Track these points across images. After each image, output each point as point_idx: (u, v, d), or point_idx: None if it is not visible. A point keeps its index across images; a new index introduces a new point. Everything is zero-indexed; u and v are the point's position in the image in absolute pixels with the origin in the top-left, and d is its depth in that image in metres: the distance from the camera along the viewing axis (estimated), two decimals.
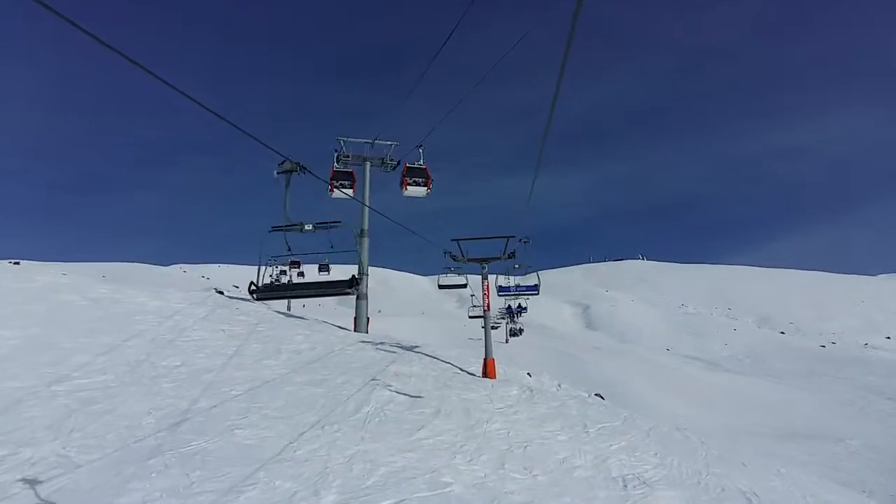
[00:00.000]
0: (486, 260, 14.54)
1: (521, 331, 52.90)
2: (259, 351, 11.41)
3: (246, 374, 9.67)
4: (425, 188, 17.10)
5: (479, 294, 15.23)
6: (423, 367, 12.65)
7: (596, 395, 16.02)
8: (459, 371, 13.47)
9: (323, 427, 7.69)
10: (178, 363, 9.68)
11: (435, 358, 14.50)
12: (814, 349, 73.81)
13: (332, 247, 14.12)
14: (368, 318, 18.34)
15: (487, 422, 9.40)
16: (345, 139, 18.74)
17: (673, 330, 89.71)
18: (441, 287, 16.84)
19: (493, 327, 59.19)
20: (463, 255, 14.54)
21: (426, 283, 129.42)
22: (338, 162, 18.72)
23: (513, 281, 19.09)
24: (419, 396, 10.06)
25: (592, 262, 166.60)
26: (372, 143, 19.18)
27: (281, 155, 7.61)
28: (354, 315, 18.31)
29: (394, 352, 13.93)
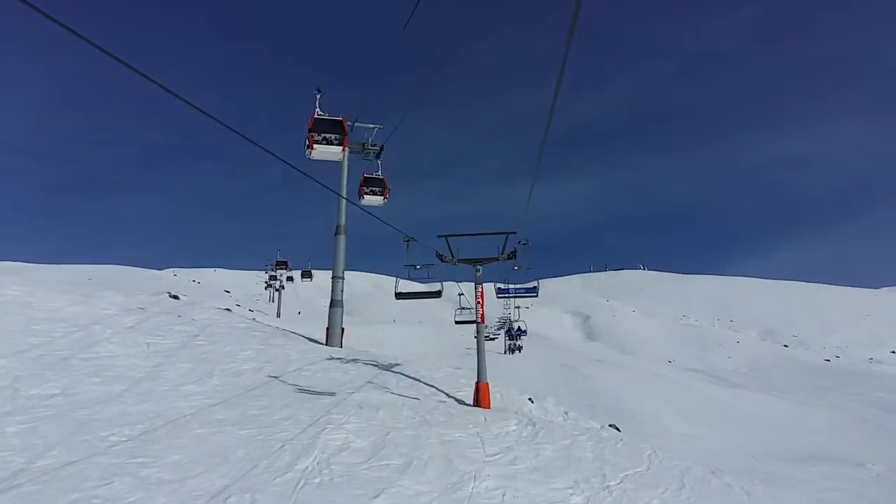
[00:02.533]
0: (480, 261, 12.00)
1: (520, 348, 50.29)
2: (184, 373, 8.83)
3: (147, 409, 7.09)
4: (382, 198, 16.06)
5: (471, 298, 12.67)
6: (399, 394, 10.06)
7: (610, 426, 13.49)
8: (445, 398, 10.88)
9: (227, 499, 5.13)
10: (56, 391, 7.11)
11: (416, 380, 11.90)
12: (818, 363, 71.82)
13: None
14: (343, 329, 15.75)
15: (476, 477, 6.84)
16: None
17: (674, 341, 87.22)
18: (399, 296, 12.28)
19: (490, 338, 56.41)
20: (453, 255, 11.99)
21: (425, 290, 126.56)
22: (321, 108, 14.97)
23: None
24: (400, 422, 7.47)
25: (592, 272, 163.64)
26: (351, 126, 16.68)
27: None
28: (327, 325, 15.70)
29: (366, 372, 11.35)
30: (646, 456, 10.42)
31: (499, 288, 14.27)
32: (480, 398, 10.58)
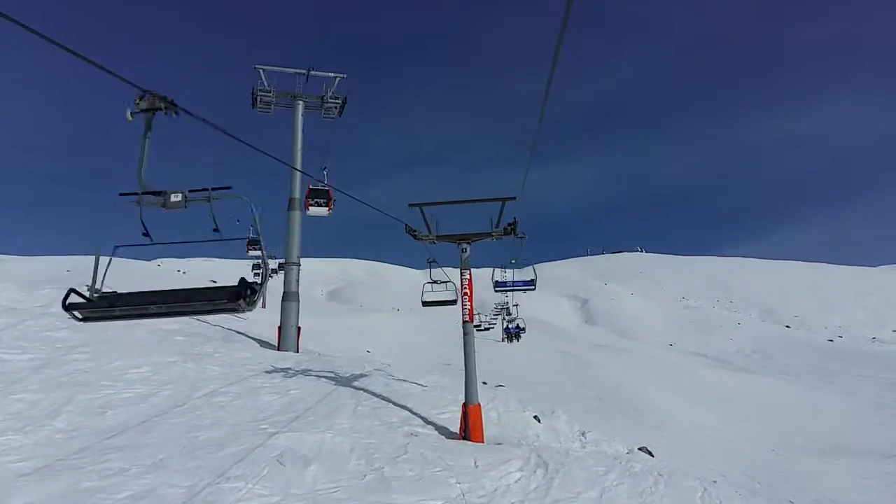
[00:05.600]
0: (467, 237, 8.96)
1: (519, 336, 47.71)
2: (16, 411, 5.80)
3: None
4: (327, 209, 15.48)
5: (457, 280, 9.66)
6: (350, 427, 7.06)
7: (640, 449, 10.57)
8: (421, 427, 7.86)
9: None
10: None
11: (384, 398, 8.89)
12: (822, 344, 70.35)
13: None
14: (300, 329, 12.74)
15: None
16: (265, 68, 13.04)
17: (675, 324, 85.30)
18: (229, 313, 6.33)
19: (486, 328, 53.05)
20: (430, 230, 8.92)
21: (422, 277, 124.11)
22: None
23: (509, 274, 14.62)
24: None
25: (590, 255, 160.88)
26: (306, 75, 13.46)
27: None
28: (279, 324, 12.63)
29: (314, 391, 8.35)
30: (698, 499, 7.63)
31: (496, 282, 13.75)
32: (470, 427, 7.57)
